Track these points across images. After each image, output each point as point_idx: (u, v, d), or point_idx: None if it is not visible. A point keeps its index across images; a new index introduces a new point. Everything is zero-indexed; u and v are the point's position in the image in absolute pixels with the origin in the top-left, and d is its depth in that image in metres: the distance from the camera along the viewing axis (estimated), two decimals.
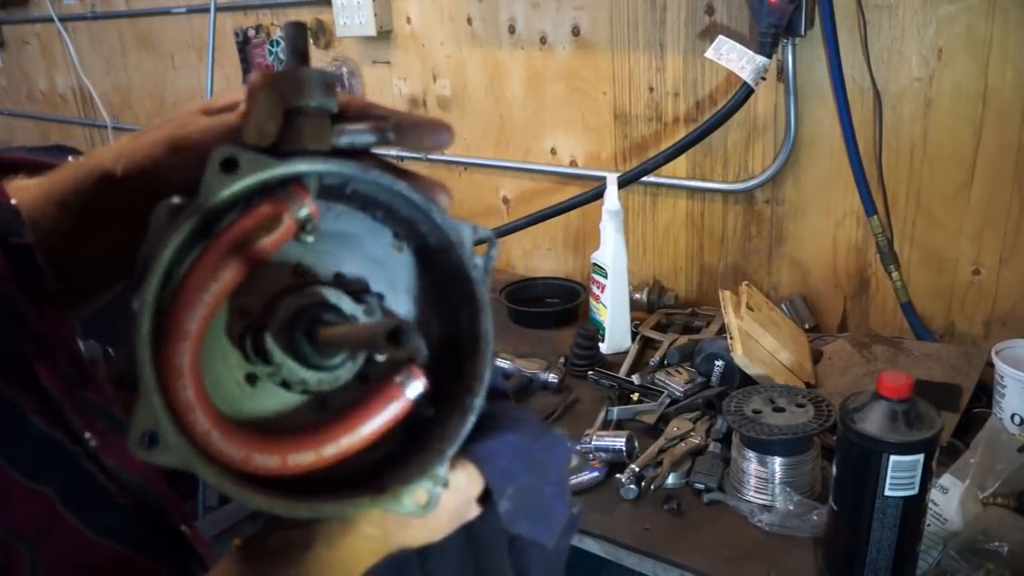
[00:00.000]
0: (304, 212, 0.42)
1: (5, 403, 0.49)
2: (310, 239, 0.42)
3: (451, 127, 0.46)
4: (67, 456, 0.52)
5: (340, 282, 0.44)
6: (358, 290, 0.45)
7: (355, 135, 0.44)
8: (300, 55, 0.42)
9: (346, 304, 0.43)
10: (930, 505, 0.92)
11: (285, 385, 0.42)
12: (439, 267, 0.47)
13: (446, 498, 0.44)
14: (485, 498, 0.52)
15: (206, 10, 2.32)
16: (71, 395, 0.54)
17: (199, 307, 0.39)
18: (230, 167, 0.39)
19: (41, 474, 0.49)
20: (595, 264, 1.53)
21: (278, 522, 0.44)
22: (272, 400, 0.43)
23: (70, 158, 0.56)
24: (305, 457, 0.41)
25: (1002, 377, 1.15)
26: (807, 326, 1.55)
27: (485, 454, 0.49)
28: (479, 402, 0.44)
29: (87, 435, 0.54)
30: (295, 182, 0.42)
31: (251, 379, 0.42)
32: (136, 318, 0.38)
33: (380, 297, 0.46)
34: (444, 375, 0.46)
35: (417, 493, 0.42)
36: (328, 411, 0.44)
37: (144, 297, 0.38)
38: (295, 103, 0.41)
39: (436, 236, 0.47)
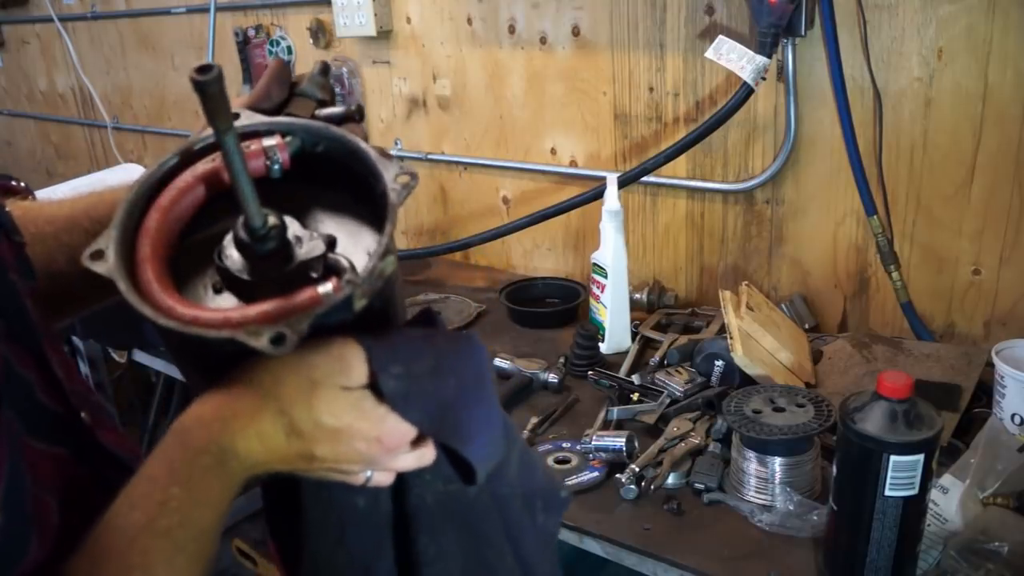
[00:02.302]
0: (271, 142, 0.58)
1: (19, 379, 0.55)
2: (276, 168, 0.58)
3: None
4: (72, 427, 0.59)
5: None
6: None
7: (331, 112, 0.68)
8: (323, 67, 0.69)
9: (296, 227, 0.56)
10: (930, 505, 0.92)
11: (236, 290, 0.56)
12: (373, 196, 0.59)
13: (322, 360, 0.53)
14: (470, 476, 0.58)
15: (206, 10, 2.32)
16: (69, 380, 0.61)
17: (172, 191, 0.57)
18: (235, 117, 0.55)
19: (55, 439, 0.57)
20: (595, 264, 1.53)
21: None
22: (224, 302, 0.57)
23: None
24: (214, 315, 0.52)
25: (1002, 377, 1.15)
26: (807, 326, 1.55)
27: (373, 339, 0.55)
28: (356, 277, 0.54)
29: (82, 414, 0.60)
30: (278, 133, 0.60)
31: (216, 288, 0.57)
32: (130, 192, 0.57)
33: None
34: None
35: (271, 334, 0.50)
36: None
37: (140, 180, 0.58)
38: (294, 81, 0.66)
39: (369, 173, 0.59)
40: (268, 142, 0.59)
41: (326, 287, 0.53)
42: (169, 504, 0.49)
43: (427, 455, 0.59)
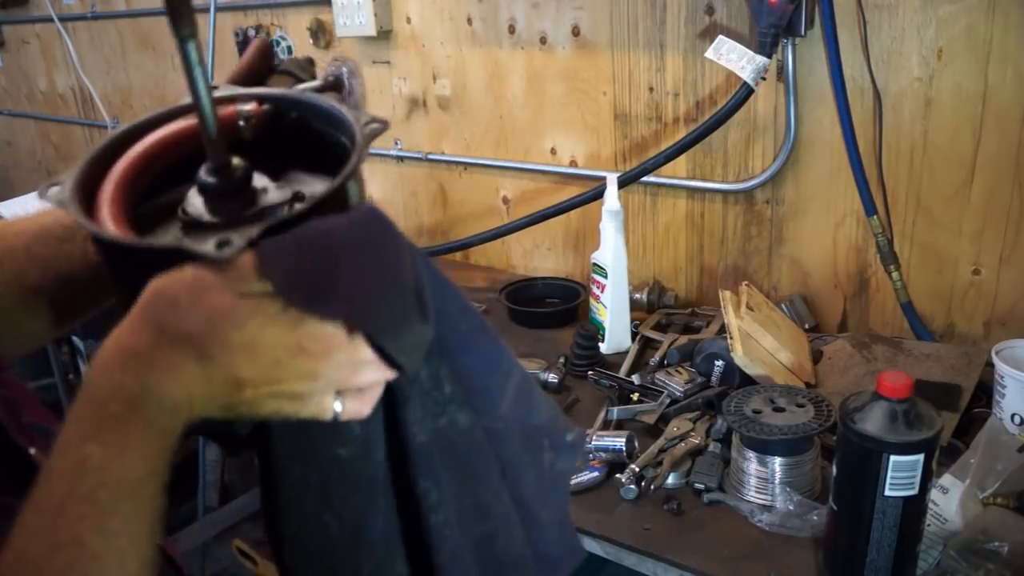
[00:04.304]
0: (247, 107, 0.59)
1: None
2: (245, 116, 0.59)
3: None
4: (19, 467, 0.54)
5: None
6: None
7: (309, 84, 0.73)
8: (308, 59, 0.75)
9: (264, 180, 0.56)
10: (930, 505, 0.92)
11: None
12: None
13: (210, 268, 0.46)
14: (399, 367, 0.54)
15: (206, 10, 2.31)
16: (12, 417, 0.58)
17: (145, 144, 0.57)
18: (214, 89, 0.54)
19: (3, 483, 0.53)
20: (595, 264, 1.53)
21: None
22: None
23: None
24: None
25: (1002, 377, 1.15)
26: (807, 326, 1.55)
27: (266, 240, 0.48)
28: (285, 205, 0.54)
29: (31, 450, 0.57)
30: (255, 100, 0.61)
31: (185, 228, 0.53)
32: (103, 140, 0.57)
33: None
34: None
35: (217, 239, 0.47)
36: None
37: (116, 131, 0.58)
38: (276, 63, 0.71)
39: (341, 129, 0.59)
40: (242, 105, 0.59)
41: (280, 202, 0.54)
42: (87, 464, 0.44)
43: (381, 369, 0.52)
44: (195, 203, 0.53)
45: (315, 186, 0.57)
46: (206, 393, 0.47)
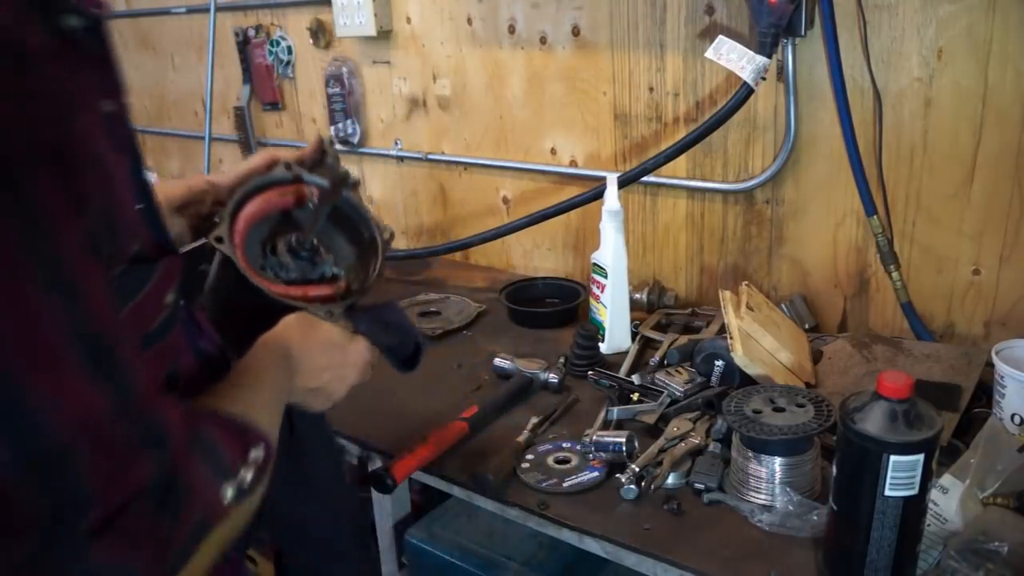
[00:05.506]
0: (312, 186, 0.96)
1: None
2: (309, 207, 0.95)
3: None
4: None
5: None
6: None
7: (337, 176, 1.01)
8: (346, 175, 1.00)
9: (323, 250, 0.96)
10: (930, 505, 0.92)
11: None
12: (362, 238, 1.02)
13: (333, 331, 0.88)
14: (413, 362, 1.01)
15: (206, 10, 2.32)
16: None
17: (257, 203, 0.92)
18: (287, 166, 0.95)
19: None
20: (595, 264, 1.53)
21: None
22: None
23: None
24: (293, 291, 0.91)
25: (1002, 377, 1.15)
26: (807, 326, 1.55)
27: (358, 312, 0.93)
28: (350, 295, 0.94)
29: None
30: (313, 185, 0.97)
31: (260, 266, 0.92)
32: (230, 201, 0.90)
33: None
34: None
35: (324, 311, 0.89)
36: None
37: (233, 198, 0.91)
38: (328, 159, 0.99)
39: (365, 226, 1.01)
40: (309, 187, 0.96)
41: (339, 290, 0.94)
42: (264, 375, 0.77)
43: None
44: (283, 254, 0.92)
45: (345, 249, 1.00)
46: (315, 386, 0.85)
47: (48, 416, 0.49)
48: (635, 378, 1.34)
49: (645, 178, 1.63)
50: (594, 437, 1.17)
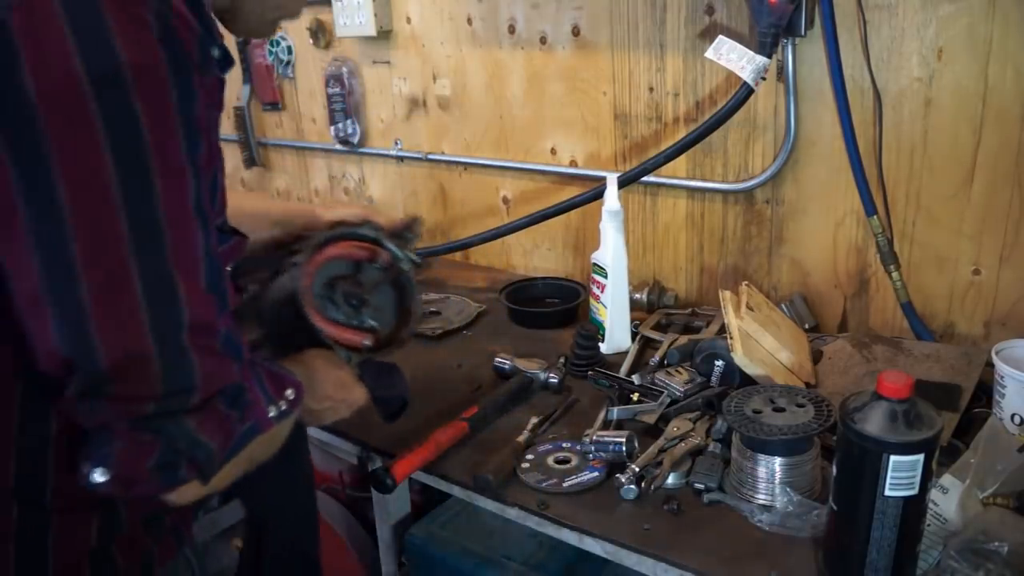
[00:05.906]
0: (387, 252, 1.10)
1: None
2: (377, 267, 1.08)
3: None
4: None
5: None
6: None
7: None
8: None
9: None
10: (930, 505, 0.92)
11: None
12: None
13: (346, 374, 1.04)
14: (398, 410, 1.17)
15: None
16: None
17: (327, 253, 1.06)
18: (375, 228, 1.11)
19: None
20: (595, 264, 1.53)
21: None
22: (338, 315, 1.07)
23: None
24: (339, 333, 1.05)
25: (1002, 377, 1.15)
26: (807, 326, 1.55)
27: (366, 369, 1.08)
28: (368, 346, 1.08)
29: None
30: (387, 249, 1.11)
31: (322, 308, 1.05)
32: (319, 235, 1.08)
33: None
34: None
35: (347, 355, 1.04)
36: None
37: (324, 235, 1.08)
38: (408, 234, 1.14)
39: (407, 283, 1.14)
40: (384, 252, 1.10)
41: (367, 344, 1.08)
42: (295, 366, 0.90)
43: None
44: (338, 300, 1.05)
45: (388, 311, 1.12)
46: (315, 408, 0.98)
47: (185, 313, 0.68)
48: (635, 378, 1.34)
49: (645, 178, 1.63)
50: (594, 437, 1.17)
